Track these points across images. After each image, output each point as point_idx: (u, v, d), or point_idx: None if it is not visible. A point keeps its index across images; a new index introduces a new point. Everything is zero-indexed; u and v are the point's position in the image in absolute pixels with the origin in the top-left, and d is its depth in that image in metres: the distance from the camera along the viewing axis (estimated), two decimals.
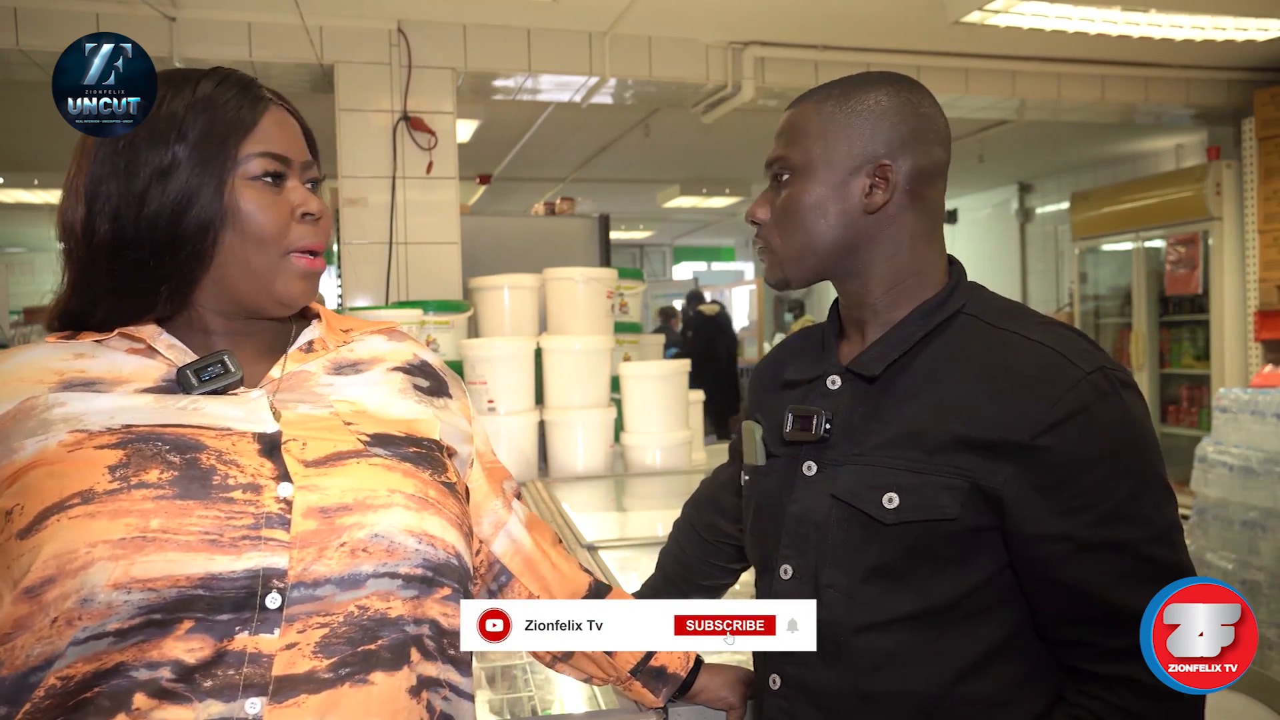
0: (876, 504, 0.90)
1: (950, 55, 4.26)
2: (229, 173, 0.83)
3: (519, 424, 2.71)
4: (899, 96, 0.97)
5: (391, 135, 3.69)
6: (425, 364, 0.98)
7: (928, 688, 0.89)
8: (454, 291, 3.69)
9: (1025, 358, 0.89)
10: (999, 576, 0.89)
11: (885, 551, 0.90)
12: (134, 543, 0.71)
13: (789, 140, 0.99)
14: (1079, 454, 0.84)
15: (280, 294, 0.86)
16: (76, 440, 0.76)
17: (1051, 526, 0.85)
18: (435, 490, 0.84)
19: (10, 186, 6.40)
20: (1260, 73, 4.67)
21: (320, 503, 0.78)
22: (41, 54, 3.43)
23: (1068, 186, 7.12)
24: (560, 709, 1.41)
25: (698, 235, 11.54)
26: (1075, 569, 0.85)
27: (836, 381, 0.99)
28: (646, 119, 5.33)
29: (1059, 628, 0.89)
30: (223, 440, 0.79)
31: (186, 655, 0.71)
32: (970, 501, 0.87)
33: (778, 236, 1.00)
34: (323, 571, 0.76)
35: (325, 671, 0.74)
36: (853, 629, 0.92)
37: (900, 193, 0.96)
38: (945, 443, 0.88)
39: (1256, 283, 4.84)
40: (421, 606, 0.80)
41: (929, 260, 0.98)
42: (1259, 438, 3.47)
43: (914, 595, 0.90)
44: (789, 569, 0.98)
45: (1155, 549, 0.85)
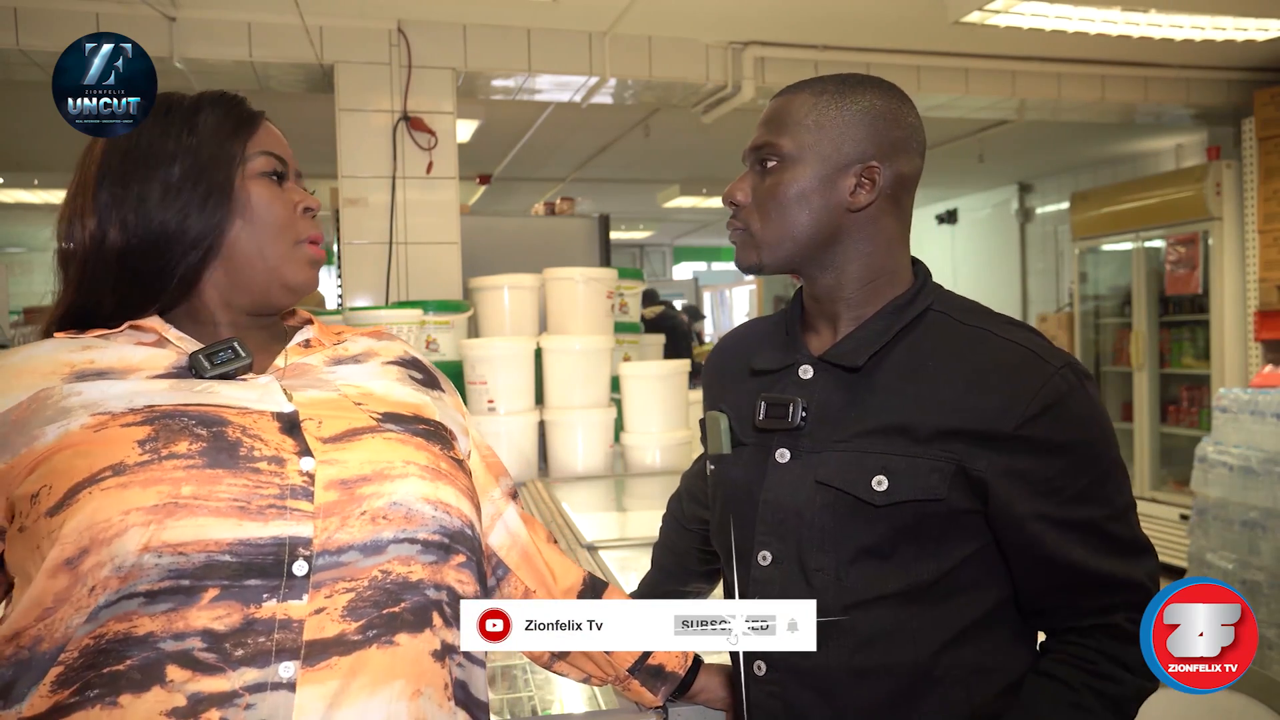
0: (866, 487, 0.95)
1: (950, 55, 4.26)
2: (238, 168, 0.88)
3: (519, 424, 2.71)
4: (891, 104, 1.01)
5: (391, 135, 3.69)
6: (416, 359, 1.02)
7: (915, 658, 0.95)
8: (454, 291, 3.69)
9: (1001, 354, 0.95)
10: (978, 555, 0.96)
11: (873, 533, 0.95)
12: (166, 508, 0.73)
13: (779, 127, 1.01)
14: (1053, 442, 0.92)
15: (290, 279, 0.91)
16: (100, 422, 0.78)
17: (1031, 506, 0.93)
18: (446, 463, 0.88)
19: (10, 186, 6.40)
20: (1260, 73, 4.67)
21: (340, 475, 0.81)
22: (41, 54, 3.43)
23: (1068, 186, 7.11)
24: (560, 709, 1.41)
25: (698, 235, 11.53)
26: (1052, 543, 0.93)
27: (809, 371, 1.02)
28: (646, 119, 5.32)
29: (1041, 597, 0.97)
30: (245, 417, 0.82)
31: (215, 623, 0.73)
32: (955, 483, 0.93)
33: (758, 220, 1.02)
34: (346, 539, 0.78)
35: (354, 634, 0.76)
36: (841, 608, 0.96)
37: (883, 196, 1.00)
38: (931, 434, 0.94)
39: (1256, 283, 4.84)
40: (440, 572, 0.83)
41: (900, 261, 1.03)
42: (1259, 438, 3.48)
43: (900, 574, 0.95)
44: (768, 555, 1.00)
45: (1116, 526, 0.95)
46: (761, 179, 1.02)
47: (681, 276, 12.46)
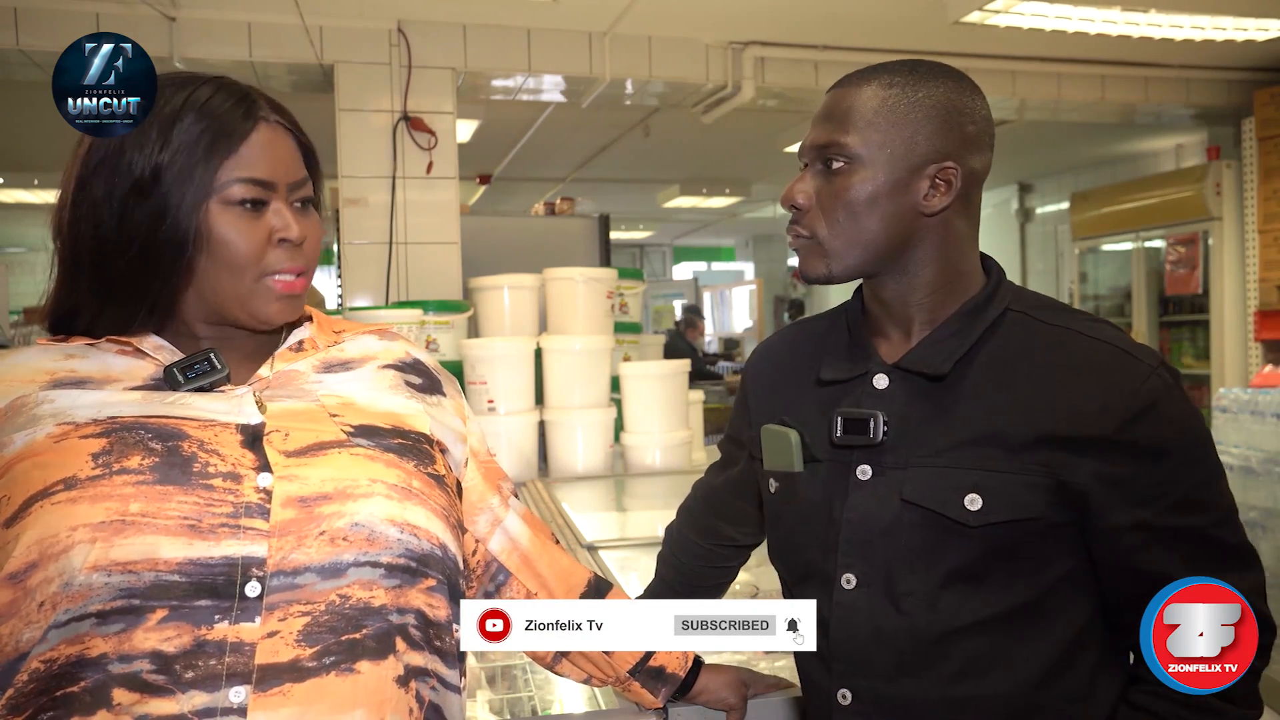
0: (958, 506, 0.88)
1: (950, 55, 4.26)
2: (206, 196, 0.82)
3: (519, 424, 2.71)
4: (964, 96, 0.94)
5: (391, 135, 3.69)
6: (418, 362, 0.98)
7: (1013, 689, 0.89)
8: (454, 291, 3.69)
9: (1093, 355, 0.89)
10: (1074, 572, 0.90)
11: (965, 554, 0.89)
12: (113, 525, 0.72)
13: (843, 124, 0.92)
14: (1154, 445, 0.86)
15: (258, 314, 0.85)
16: (63, 432, 0.77)
17: (1130, 515, 0.87)
18: (420, 481, 0.84)
19: (10, 186, 6.40)
20: (1260, 73, 4.67)
21: (300, 492, 0.78)
22: (41, 54, 3.43)
23: (1068, 186, 7.11)
24: (560, 709, 1.41)
25: (698, 235, 11.54)
26: (1150, 554, 0.87)
27: (884, 380, 0.95)
28: (646, 119, 5.33)
29: (1132, 612, 0.88)
30: (205, 430, 0.80)
31: (164, 645, 0.71)
32: (1054, 498, 0.87)
33: (825, 227, 0.94)
34: (302, 560, 0.76)
35: (309, 660, 0.74)
36: (935, 636, 0.90)
37: (957, 197, 0.93)
38: (1027, 441, 0.88)
39: (1256, 283, 4.84)
40: (405, 596, 0.80)
41: (972, 261, 0.97)
42: (1259, 438, 3.47)
43: (996, 597, 0.89)
44: (852, 578, 0.94)
45: (1222, 531, 0.88)
46: (827, 181, 0.94)
47: (681, 276, 12.46)
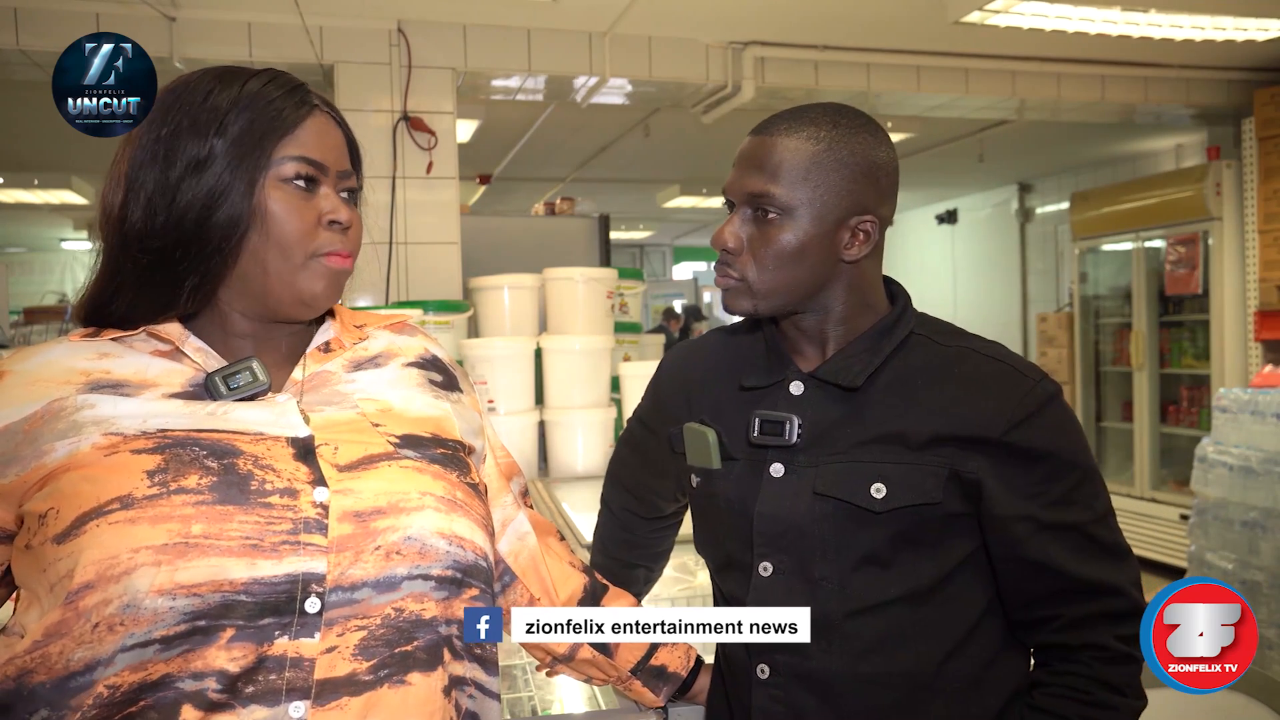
0: (865, 494, 0.98)
1: (950, 55, 4.26)
2: (261, 172, 0.83)
3: (519, 424, 2.71)
4: (880, 150, 1.02)
5: (391, 135, 3.69)
6: (436, 359, 0.99)
7: (915, 667, 0.99)
8: (454, 291, 3.69)
9: (985, 369, 1.01)
10: (971, 559, 1.00)
11: (873, 539, 0.99)
12: (176, 548, 0.72)
13: (775, 176, 1.00)
14: (1035, 448, 0.98)
15: (303, 293, 0.85)
16: (111, 444, 0.76)
17: (1016, 508, 0.97)
18: (462, 492, 0.86)
19: (10, 186, 6.39)
20: (1260, 73, 4.67)
21: (355, 506, 0.79)
22: (41, 54, 3.42)
23: (1068, 186, 7.11)
24: (560, 709, 1.41)
25: (698, 235, 11.52)
26: (1037, 546, 0.98)
27: (800, 387, 1.05)
28: (646, 119, 5.32)
29: (1027, 606, 1.01)
30: (258, 445, 0.80)
31: (230, 664, 0.72)
32: (950, 487, 0.98)
33: (754, 270, 1.02)
34: (359, 575, 0.77)
35: (365, 674, 0.75)
36: (844, 615, 0.99)
37: (873, 244, 1.03)
38: (926, 440, 0.99)
39: (1256, 283, 4.83)
40: (451, 607, 0.82)
41: (879, 292, 1.08)
42: (1259, 438, 3.47)
43: (900, 579, 0.99)
44: (769, 566, 1.02)
45: (1099, 529, 0.99)
46: (756, 228, 1.02)
47: (681, 276, 12.46)
